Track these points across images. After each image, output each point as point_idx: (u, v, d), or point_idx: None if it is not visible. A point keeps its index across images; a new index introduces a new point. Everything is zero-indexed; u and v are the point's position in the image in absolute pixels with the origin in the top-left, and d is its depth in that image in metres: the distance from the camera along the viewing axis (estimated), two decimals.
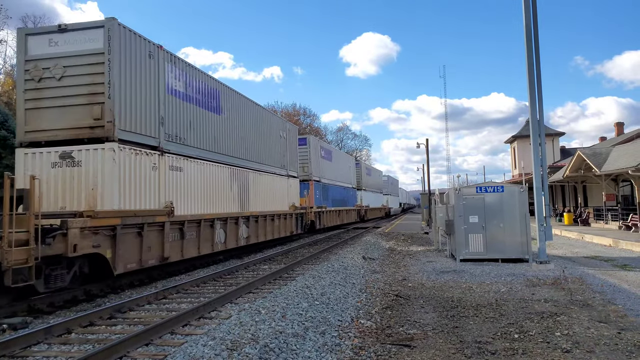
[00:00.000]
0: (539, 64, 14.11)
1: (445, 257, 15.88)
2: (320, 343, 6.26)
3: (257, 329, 6.41)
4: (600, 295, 9.21)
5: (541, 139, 13.93)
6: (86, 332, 7.11)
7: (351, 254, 15.95)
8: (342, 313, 7.97)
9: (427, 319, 7.70)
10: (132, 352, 5.94)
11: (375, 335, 6.82)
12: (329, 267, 12.55)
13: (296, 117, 69.24)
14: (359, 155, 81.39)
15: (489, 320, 7.52)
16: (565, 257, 15.71)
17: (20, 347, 6.21)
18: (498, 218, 13.91)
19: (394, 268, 13.80)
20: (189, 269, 13.92)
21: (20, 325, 7.43)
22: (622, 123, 46.03)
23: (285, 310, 7.60)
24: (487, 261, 13.82)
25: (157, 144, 12.24)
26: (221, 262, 15.87)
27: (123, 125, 10.90)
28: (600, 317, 7.53)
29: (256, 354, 5.51)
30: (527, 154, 38.05)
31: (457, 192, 14.60)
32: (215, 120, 15.69)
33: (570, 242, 21.07)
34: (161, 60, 12.59)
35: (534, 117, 14.01)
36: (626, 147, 26.73)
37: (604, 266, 13.44)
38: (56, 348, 6.34)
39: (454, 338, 6.62)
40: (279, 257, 16.81)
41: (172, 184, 12.73)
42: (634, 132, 39.29)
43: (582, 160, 28.13)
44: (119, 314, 8.17)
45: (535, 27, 13.99)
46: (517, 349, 6.05)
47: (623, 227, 24.97)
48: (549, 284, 10.41)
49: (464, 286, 10.48)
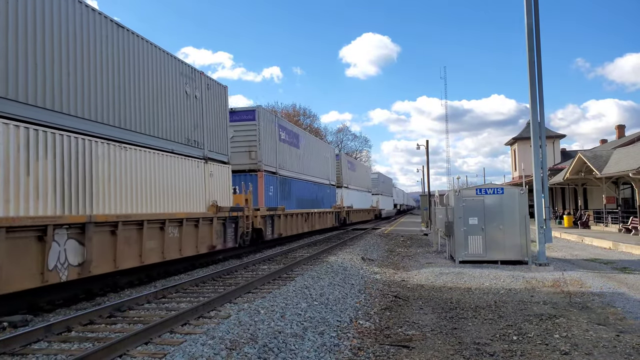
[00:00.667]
0: (540, 66, 14.13)
1: (445, 258, 15.89)
2: (319, 343, 6.27)
3: (256, 329, 6.43)
4: (599, 298, 9.22)
5: (542, 141, 13.95)
6: (86, 331, 7.12)
7: (350, 255, 15.97)
8: (341, 313, 7.98)
9: (426, 320, 7.71)
10: (132, 350, 5.95)
11: (374, 336, 6.84)
12: (328, 268, 12.57)
13: (296, 118, 69.26)
14: (359, 157, 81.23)
15: (488, 322, 7.53)
16: (564, 259, 15.72)
17: (20, 344, 6.23)
18: (498, 220, 13.92)
19: (393, 269, 13.81)
20: (189, 268, 13.94)
21: (21, 323, 7.44)
22: (624, 125, 46.14)
23: (285, 310, 7.62)
24: (486, 263, 13.83)
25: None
26: (220, 262, 15.88)
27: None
28: (599, 320, 7.54)
29: (255, 353, 5.52)
30: (527, 156, 38.09)
31: (456, 194, 14.61)
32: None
33: (570, 245, 21.07)
34: None
35: (534, 119, 14.03)
36: (627, 150, 26.74)
37: (604, 269, 13.45)
38: (56, 346, 6.35)
39: (453, 339, 6.63)
40: (278, 258, 16.82)
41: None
42: (635, 134, 39.35)
43: (582, 163, 28.14)
44: (119, 312, 8.19)
45: (537, 28, 14.02)
46: (516, 351, 6.06)
47: (623, 230, 24.97)
48: (548, 286, 10.42)
49: (463, 288, 10.50)
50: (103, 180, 10.10)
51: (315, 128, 74.10)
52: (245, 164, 19.87)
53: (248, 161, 19.96)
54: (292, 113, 70.56)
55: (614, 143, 41.14)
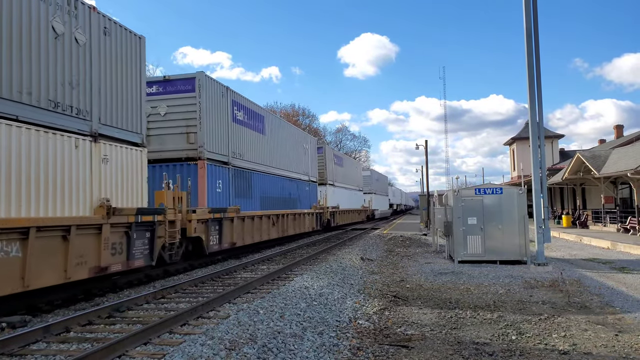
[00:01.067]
0: (539, 66, 14.15)
1: (444, 258, 15.90)
2: (319, 343, 6.27)
3: (255, 329, 6.43)
4: (598, 298, 9.24)
5: (540, 141, 13.97)
6: (85, 331, 7.12)
7: (349, 255, 15.98)
8: (340, 314, 7.98)
9: (425, 320, 7.72)
10: (131, 351, 5.95)
11: (373, 336, 6.84)
12: (327, 268, 12.58)
13: (295, 118, 69.36)
14: (357, 157, 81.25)
15: (487, 322, 7.54)
16: (563, 259, 15.74)
17: (18, 345, 6.22)
18: (496, 220, 13.94)
19: (392, 269, 13.82)
20: (187, 269, 13.93)
21: (19, 323, 7.44)
22: (622, 126, 46.29)
23: (284, 310, 7.62)
24: (485, 263, 13.84)
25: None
26: (219, 262, 15.88)
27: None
28: (597, 320, 7.55)
29: (254, 353, 5.52)
30: (526, 156, 38.19)
31: (455, 194, 14.63)
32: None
33: (569, 245, 21.10)
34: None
35: (533, 119, 14.04)
36: (625, 150, 26.79)
37: (602, 268, 13.47)
38: (55, 346, 6.34)
39: (452, 339, 6.64)
40: (277, 258, 16.81)
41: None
42: (633, 134, 39.43)
43: (581, 163, 28.18)
44: (118, 313, 8.19)
45: (535, 31, 14.02)
46: (515, 351, 6.07)
47: (621, 230, 25.01)
48: (546, 286, 10.43)
49: (462, 287, 10.51)
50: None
51: (314, 128, 74.23)
52: (180, 150, 15.07)
53: (185, 146, 15.05)
54: (291, 113, 70.71)
55: (613, 143, 41.22)
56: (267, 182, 20.66)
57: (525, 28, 13.97)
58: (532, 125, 14.02)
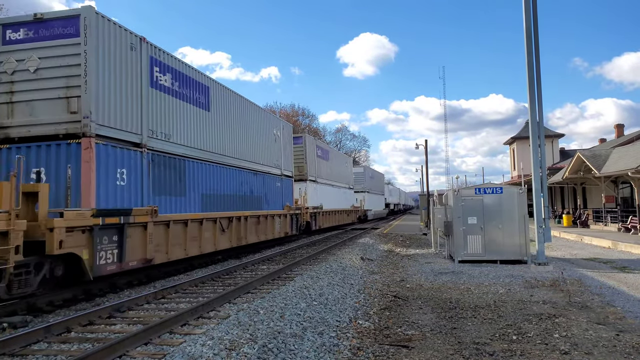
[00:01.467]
0: (539, 65, 14.15)
1: (444, 258, 15.90)
2: (319, 343, 6.27)
3: (255, 329, 6.43)
4: (599, 297, 9.23)
5: (540, 141, 13.96)
6: (85, 331, 7.12)
7: (349, 255, 15.97)
8: (341, 314, 7.98)
9: (425, 320, 7.72)
10: (131, 351, 5.96)
11: (373, 336, 6.84)
12: (327, 268, 12.57)
13: (295, 118, 69.35)
14: (357, 156, 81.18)
15: (487, 322, 7.54)
16: (564, 258, 15.73)
17: (20, 345, 6.23)
18: (497, 219, 13.94)
19: (392, 269, 13.82)
20: (188, 268, 13.93)
21: (20, 323, 7.44)
22: (622, 125, 46.20)
23: (284, 310, 7.62)
24: (485, 262, 13.84)
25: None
26: (219, 262, 15.88)
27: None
28: (598, 319, 7.55)
29: (254, 353, 5.52)
30: (526, 155, 38.15)
31: (455, 194, 14.62)
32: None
33: (569, 244, 21.10)
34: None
35: (533, 119, 14.04)
36: (626, 149, 26.78)
37: (603, 268, 13.47)
38: (56, 347, 6.35)
39: (452, 339, 6.64)
40: (277, 257, 16.82)
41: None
42: (633, 133, 39.38)
43: (581, 162, 28.17)
44: (118, 313, 8.19)
45: (535, 31, 14.02)
46: (515, 351, 6.06)
47: (622, 229, 25.00)
48: (547, 286, 10.43)
49: (462, 287, 10.50)
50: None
51: (314, 128, 74.24)
52: (57, 123, 10.38)
53: (65, 117, 10.34)
54: (290, 113, 70.72)
55: (613, 142, 41.17)
56: (213, 174, 15.61)
57: (525, 27, 13.96)
58: (532, 125, 14.01)
